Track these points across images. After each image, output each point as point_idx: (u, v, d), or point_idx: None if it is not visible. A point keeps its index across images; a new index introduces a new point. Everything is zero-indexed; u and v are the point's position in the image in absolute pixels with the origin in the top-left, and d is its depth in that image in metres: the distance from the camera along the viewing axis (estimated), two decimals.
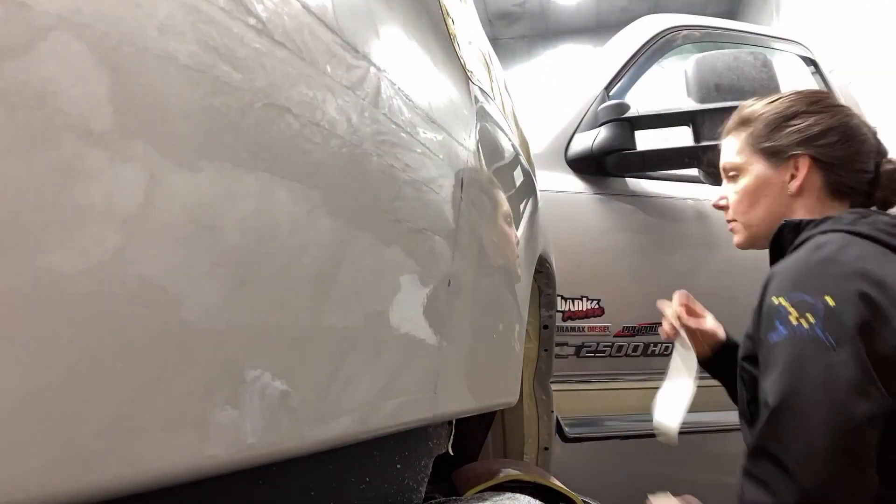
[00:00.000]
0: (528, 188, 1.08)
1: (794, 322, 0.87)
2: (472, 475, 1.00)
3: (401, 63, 0.52)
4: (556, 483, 1.04)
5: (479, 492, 0.91)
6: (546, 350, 1.45)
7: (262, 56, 0.34)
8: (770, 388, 0.88)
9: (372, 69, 0.46)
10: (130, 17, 0.27)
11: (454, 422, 0.75)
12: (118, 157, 0.26)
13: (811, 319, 0.86)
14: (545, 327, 1.44)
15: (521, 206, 0.95)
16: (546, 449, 1.47)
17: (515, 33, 7.39)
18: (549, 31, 7.30)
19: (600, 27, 7.20)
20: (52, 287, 0.24)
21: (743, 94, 1.61)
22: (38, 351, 0.23)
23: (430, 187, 0.54)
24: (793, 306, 0.88)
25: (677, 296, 1.28)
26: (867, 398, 0.82)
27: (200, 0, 0.30)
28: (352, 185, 0.42)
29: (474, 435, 1.26)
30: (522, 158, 1.07)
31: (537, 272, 1.23)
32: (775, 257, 1.05)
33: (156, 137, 0.27)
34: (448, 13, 0.72)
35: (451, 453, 0.75)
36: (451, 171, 0.59)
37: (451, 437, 0.74)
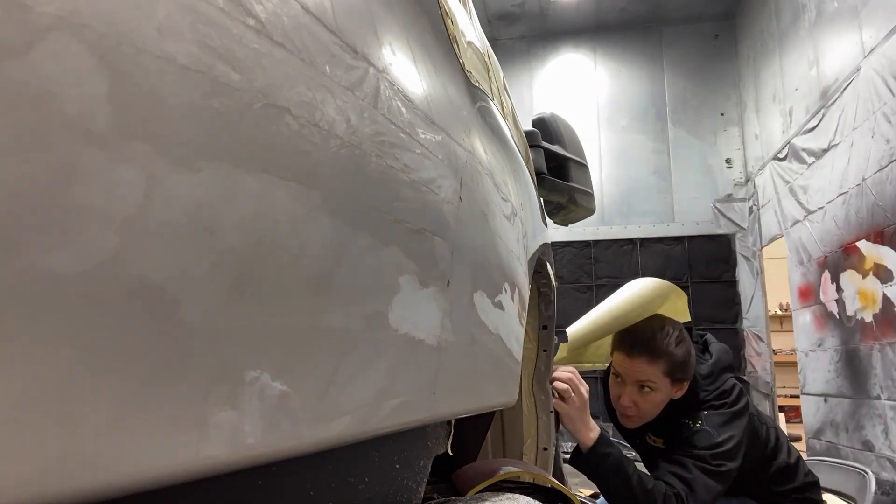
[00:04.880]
0: (528, 188, 1.09)
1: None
2: (471, 475, 1.00)
3: (400, 64, 0.52)
4: (555, 482, 1.04)
5: (478, 492, 0.91)
6: (545, 350, 1.45)
7: (261, 57, 0.34)
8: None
9: (371, 70, 0.46)
10: (129, 18, 0.27)
11: (453, 422, 0.75)
12: (118, 158, 0.26)
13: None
14: (544, 327, 1.44)
15: (521, 207, 0.95)
16: (545, 449, 1.47)
17: (515, 34, 7.38)
18: (548, 31, 7.30)
19: (600, 28, 7.20)
20: (52, 287, 0.24)
21: (577, 151, 1.84)
22: (38, 351, 0.23)
23: (429, 188, 0.54)
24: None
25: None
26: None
27: (199, 1, 0.30)
28: (351, 186, 0.42)
29: (473, 435, 1.26)
30: (521, 158, 1.07)
31: (536, 272, 1.23)
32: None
33: (155, 138, 0.28)
34: (447, 14, 0.72)
35: (451, 453, 0.75)
36: (450, 172, 0.59)
37: (451, 437, 0.74)
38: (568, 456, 1.62)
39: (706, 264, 6.56)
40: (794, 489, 1.70)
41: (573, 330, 1.88)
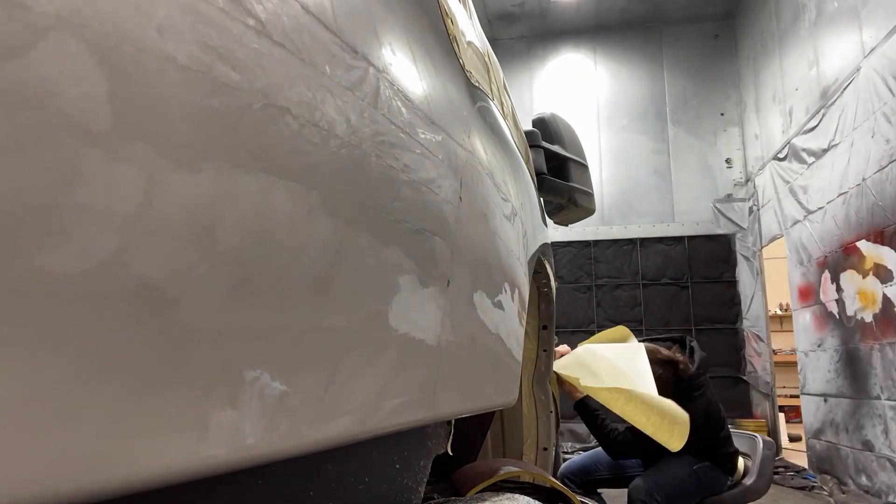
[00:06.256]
0: (528, 188, 1.09)
1: None
2: (471, 475, 1.00)
3: (400, 64, 0.52)
4: (555, 482, 1.04)
5: (478, 492, 0.91)
6: (545, 350, 1.45)
7: (261, 57, 0.34)
8: None
9: (371, 70, 0.46)
10: (130, 18, 0.27)
11: (453, 422, 0.75)
12: (118, 157, 0.26)
13: None
14: (544, 328, 1.44)
15: (521, 207, 0.95)
16: (545, 449, 1.47)
17: (515, 34, 7.38)
18: (548, 31, 7.30)
19: (600, 28, 7.19)
20: (52, 287, 0.24)
21: (578, 151, 1.86)
22: (38, 351, 0.23)
23: (429, 188, 0.54)
24: None
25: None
26: None
27: (199, 1, 0.30)
28: (351, 186, 0.42)
29: (473, 435, 1.26)
30: (521, 158, 1.07)
31: (536, 272, 1.23)
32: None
33: (155, 137, 0.28)
34: (447, 14, 0.72)
35: (451, 453, 0.75)
36: (450, 172, 0.59)
37: (451, 437, 0.74)
38: (569, 456, 1.69)
39: (706, 264, 6.55)
40: (723, 454, 2.49)
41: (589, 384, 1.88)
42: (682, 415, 1.89)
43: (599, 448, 2.62)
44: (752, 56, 6.45)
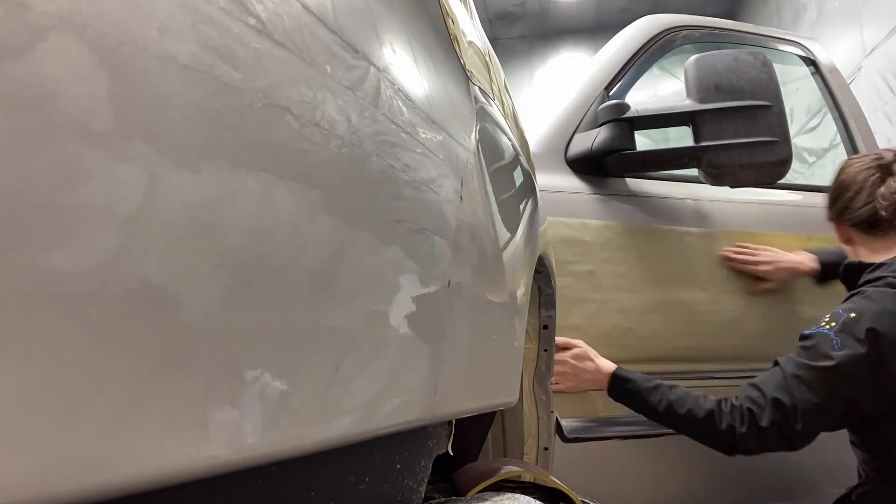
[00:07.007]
0: (528, 188, 1.09)
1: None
2: (473, 474, 1.00)
3: (401, 63, 0.52)
4: (556, 482, 1.04)
5: (479, 491, 0.91)
6: (546, 350, 1.45)
7: (262, 56, 0.34)
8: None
9: (372, 69, 0.46)
10: (130, 17, 0.27)
11: (454, 422, 0.75)
12: (118, 157, 0.26)
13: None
14: (545, 327, 1.44)
15: (521, 206, 0.95)
16: (546, 449, 1.47)
17: (515, 33, 7.39)
18: (548, 31, 7.31)
19: (600, 27, 7.20)
20: (52, 287, 0.24)
21: (743, 94, 1.63)
22: (38, 351, 0.23)
23: (430, 187, 0.54)
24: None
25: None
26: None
27: (200, 0, 0.30)
28: (352, 186, 0.42)
29: (474, 435, 1.26)
30: (522, 159, 1.07)
31: (537, 272, 1.23)
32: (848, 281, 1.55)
33: (156, 137, 0.27)
34: (448, 13, 0.72)
35: (451, 453, 0.75)
36: (451, 172, 0.59)
37: (451, 437, 0.74)
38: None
39: None
40: None
41: None
42: None
43: None
44: None
